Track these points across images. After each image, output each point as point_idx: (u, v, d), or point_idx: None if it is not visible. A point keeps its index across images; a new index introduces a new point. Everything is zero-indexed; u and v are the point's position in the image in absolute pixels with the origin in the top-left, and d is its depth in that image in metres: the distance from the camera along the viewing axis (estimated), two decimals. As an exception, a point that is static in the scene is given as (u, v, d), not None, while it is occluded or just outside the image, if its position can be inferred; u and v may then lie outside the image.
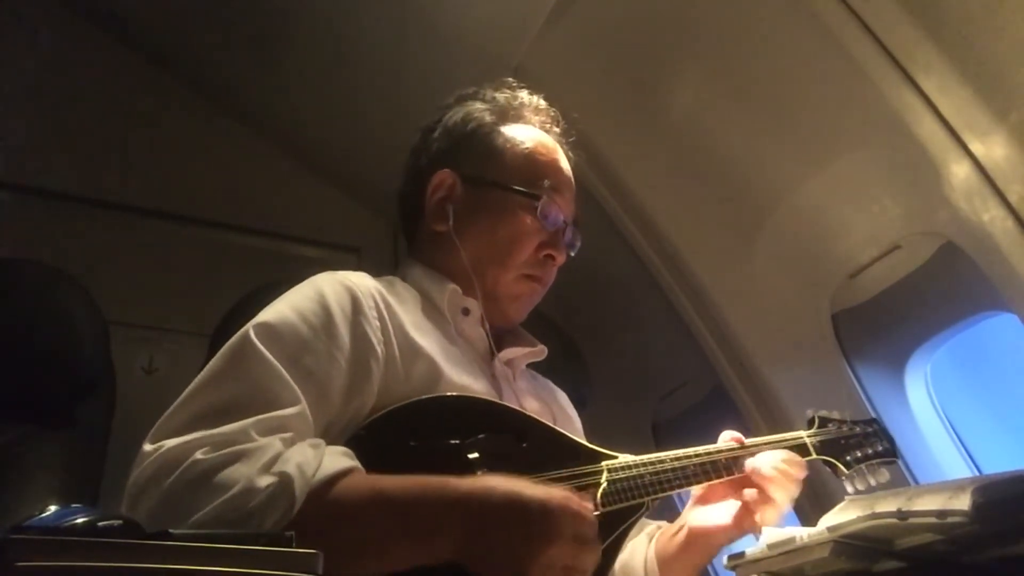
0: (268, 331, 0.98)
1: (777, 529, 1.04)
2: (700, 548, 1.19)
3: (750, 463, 1.17)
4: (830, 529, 0.92)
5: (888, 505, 0.88)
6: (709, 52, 1.66)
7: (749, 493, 1.16)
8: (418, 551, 0.88)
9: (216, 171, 2.67)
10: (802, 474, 1.19)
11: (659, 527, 1.28)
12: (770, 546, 1.00)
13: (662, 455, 1.13)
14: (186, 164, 2.62)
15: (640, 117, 1.85)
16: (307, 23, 2.23)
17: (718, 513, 1.18)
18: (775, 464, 1.17)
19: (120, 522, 0.56)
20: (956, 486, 0.85)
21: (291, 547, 0.58)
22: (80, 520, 0.56)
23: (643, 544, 1.25)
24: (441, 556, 0.88)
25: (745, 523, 1.16)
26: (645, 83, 1.79)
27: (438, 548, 0.88)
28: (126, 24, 2.62)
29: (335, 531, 0.84)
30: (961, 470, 1.67)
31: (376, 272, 1.21)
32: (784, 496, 1.15)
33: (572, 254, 1.28)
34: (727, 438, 1.22)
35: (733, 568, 1.06)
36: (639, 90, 1.81)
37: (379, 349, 1.03)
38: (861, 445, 1.31)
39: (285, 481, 0.83)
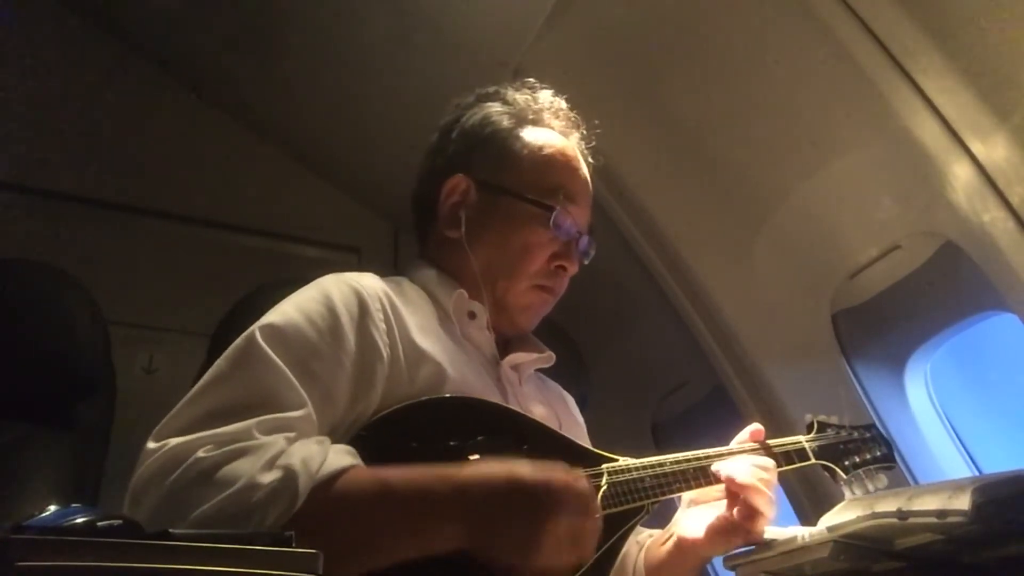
0: (274, 333, 0.98)
1: (777, 529, 1.05)
2: (689, 557, 1.17)
3: (724, 471, 1.12)
4: (830, 529, 0.92)
5: (888, 505, 0.88)
6: (709, 52, 1.65)
7: (738, 508, 1.10)
8: (424, 543, 0.88)
9: (216, 171, 2.67)
10: (775, 480, 1.14)
11: (650, 535, 1.27)
12: (770, 545, 1.00)
13: (662, 458, 1.12)
14: (186, 164, 2.62)
15: (640, 117, 1.85)
16: (307, 23, 2.23)
17: (707, 521, 1.14)
18: (752, 471, 1.12)
19: (120, 522, 0.56)
20: (956, 486, 0.85)
21: (291, 547, 0.58)
22: (80, 520, 0.56)
23: (633, 552, 1.24)
24: (448, 546, 0.88)
25: (732, 533, 1.10)
26: (645, 84, 1.79)
27: (444, 539, 0.88)
28: (126, 25, 2.62)
29: (339, 526, 0.85)
30: (961, 470, 1.67)
31: (377, 272, 1.21)
32: (766, 504, 1.10)
33: (586, 262, 1.27)
34: (748, 432, 1.21)
35: (733, 568, 1.06)
36: (639, 91, 1.81)
37: (385, 352, 1.03)
38: (859, 450, 1.30)
39: (289, 476, 0.84)
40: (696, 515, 1.17)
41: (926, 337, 1.70)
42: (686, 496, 1.21)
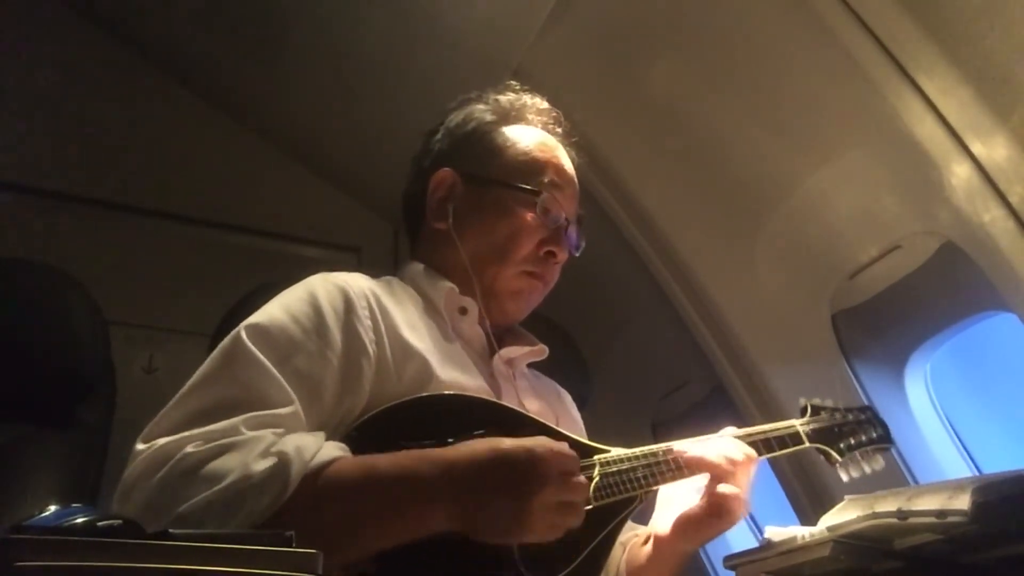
0: (259, 332, 0.99)
1: (777, 528, 1.04)
2: (666, 557, 1.16)
3: (694, 452, 1.10)
4: (830, 529, 0.92)
5: (888, 505, 0.88)
6: (710, 53, 1.65)
7: (705, 493, 1.10)
8: (414, 525, 0.89)
9: (216, 171, 2.67)
10: (751, 462, 1.13)
11: (635, 535, 1.26)
12: (770, 545, 1.00)
13: (654, 448, 1.11)
14: (186, 164, 2.62)
15: (640, 118, 1.85)
16: (307, 23, 2.23)
17: (672, 520, 1.13)
18: (719, 454, 1.10)
19: (120, 522, 0.56)
20: (956, 486, 0.85)
21: (291, 547, 0.58)
22: (80, 520, 0.56)
23: (617, 554, 1.23)
24: (438, 526, 0.88)
25: (701, 523, 1.10)
26: (645, 83, 1.79)
27: (434, 519, 0.89)
28: (126, 25, 2.62)
29: (329, 512, 0.85)
30: (961, 470, 1.67)
31: (376, 272, 1.21)
32: (736, 484, 1.09)
33: (576, 254, 1.28)
34: (727, 434, 1.20)
35: (732, 567, 1.06)
36: (639, 91, 1.81)
37: (371, 349, 1.03)
38: (854, 432, 1.29)
39: (282, 463, 0.84)
40: (666, 512, 1.16)
41: (926, 337, 1.70)
42: (660, 497, 1.20)
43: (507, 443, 0.93)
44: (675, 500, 1.17)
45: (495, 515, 0.89)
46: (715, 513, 1.09)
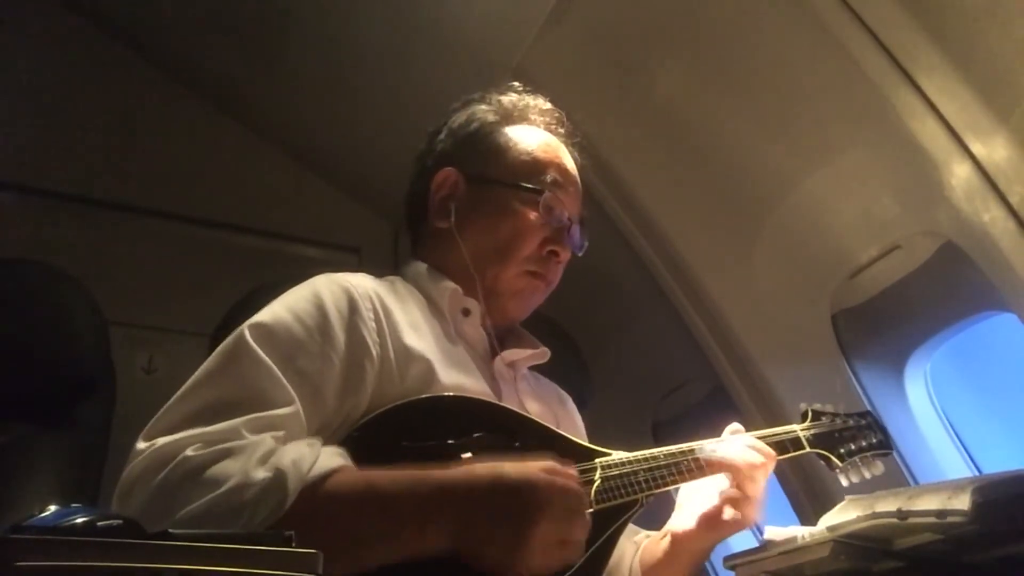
0: (263, 331, 0.99)
1: (777, 528, 1.05)
2: (684, 554, 1.17)
3: (720, 453, 1.12)
4: (830, 529, 0.93)
5: (888, 505, 0.89)
6: (710, 53, 1.66)
7: (726, 491, 1.13)
8: (410, 544, 0.88)
9: (216, 171, 2.67)
10: (771, 462, 1.16)
11: (647, 536, 1.26)
12: (770, 545, 1.00)
13: (656, 451, 1.12)
14: (186, 164, 2.62)
15: (640, 118, 1.85)
16: (308, 23, 2.23)
17: (699, 512, 1.15)
18: (741, 452, 1.14)
19: (120, 522, 0.56)
20: (956, 486, 0.85)
21: (291, 547, 0.58)
22: (80, 520, 0.56)
23: (630, 552, 1.24)
24: (434, 547, 0.88)
25: (725, 521, 1.12)
26: (645, 84, 1.79)
27: (430, 540, 0.88)
28: (126, 24, 2.62)
29: (326, 527, 0.84)
30: (961, 470, 1.67)
31: (376, 272, 1.21)
32: (755, 487, 1.12)
33: (580, 254, 1.28)
34: (731, 431, 1.21)
35: (732, 567, 1.06)
36: (639, 91, 1.81)
37: (374, 350, 1.03)
38: (855, 438, 1.30)
39: (279, 476, 0.83)
40: (688, 509, 1.17)
41: (926, 337, 1.70)
42: (679, 497, 1.21)
43: (510, 470, 0.91)
44: (697, 498, 1.17)
45: (490, 545, 0.88)
46: (737, 505, 1.11)
